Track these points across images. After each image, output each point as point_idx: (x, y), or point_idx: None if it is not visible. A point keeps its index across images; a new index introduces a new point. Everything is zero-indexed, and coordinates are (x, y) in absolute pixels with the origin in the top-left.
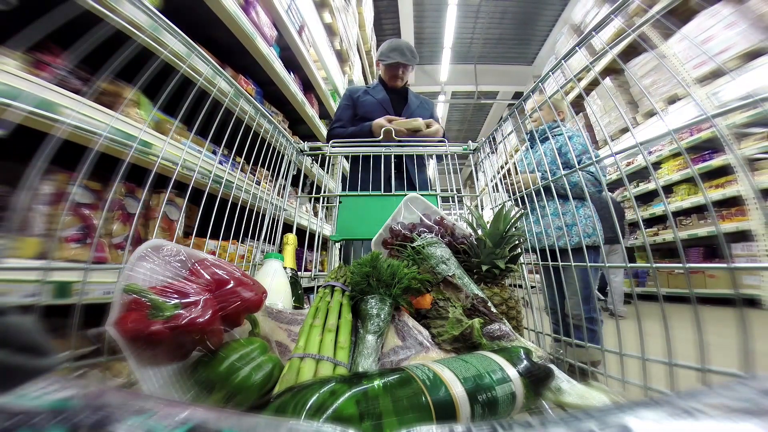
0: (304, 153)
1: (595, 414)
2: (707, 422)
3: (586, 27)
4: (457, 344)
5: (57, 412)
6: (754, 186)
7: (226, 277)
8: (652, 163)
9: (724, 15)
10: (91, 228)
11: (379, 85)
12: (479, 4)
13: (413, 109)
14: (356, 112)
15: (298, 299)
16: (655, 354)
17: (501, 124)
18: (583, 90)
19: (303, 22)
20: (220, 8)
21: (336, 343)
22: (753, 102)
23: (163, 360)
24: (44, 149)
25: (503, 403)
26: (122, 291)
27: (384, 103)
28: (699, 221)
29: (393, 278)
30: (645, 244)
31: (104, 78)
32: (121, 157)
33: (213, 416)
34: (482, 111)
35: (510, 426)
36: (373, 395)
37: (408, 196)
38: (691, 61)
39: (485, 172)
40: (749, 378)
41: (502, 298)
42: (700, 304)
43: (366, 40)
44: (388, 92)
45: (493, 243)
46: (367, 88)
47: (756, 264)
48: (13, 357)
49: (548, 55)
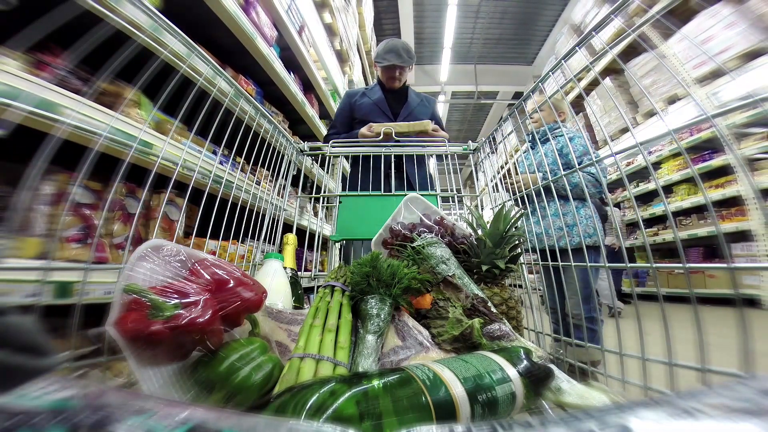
0: (304, 153)
1: (595, 414)
2: (707, 422)
3: (586, 27)
4: (457, 344)
5: (57, 412)
6: (755, 186)
7: (226, 277)
8: (652, 163)
9: (723, 15)
10: (92, 228)
11: (377, 86)
12: (479, 4)
13: (413, 107)
14: (354, 115)
15: (298, 299)
16: (655, 354)
17: (501, 124)
18: (583, 90)
19: (303, 22)
20: (220, 8)
21: (336, 343)
22: (753, 102)
23: (163, 360)
24: (44, 149)
25: (503, 403)
26: (122, 291)
27: (380, 103)
28: (699, 221)
29: (393, 278)
30: (645, 244)
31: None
32: (122, 157)
33: (213, 416)
34: (482, 111)
35: (510, 426)
36: (373, 395)
37: (408, 196)
38: (691, 61)
39: (485, 172)
40: (749, 378)
41: (502, 298)
42: (700, 304)
43: (366, 40)
44: (386, 93)
45: (493, 243)
46: (365, 90)
47: (756, 264)
48: (13, 357)
49: (548, 55)
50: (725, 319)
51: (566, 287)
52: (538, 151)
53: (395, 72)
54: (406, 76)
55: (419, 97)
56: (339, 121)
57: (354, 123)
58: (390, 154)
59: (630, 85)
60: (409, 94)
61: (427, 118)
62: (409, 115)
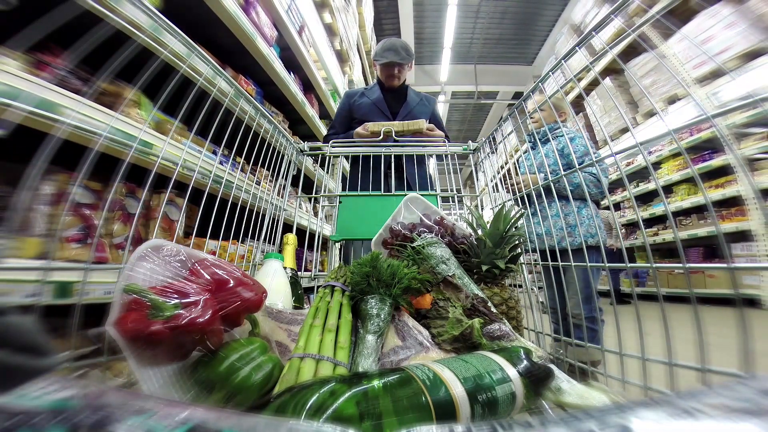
0: (304, 153)
1: (595, 414)
2: (707, 422)
3: (585, 27)
4: (457, 344)
5: (57, 412)
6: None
7: (226, 277)
8: (651, 163)
9: (723, 15)
10: (92, 228)
11: (377, 85)
12: (479, 4)
13: (413, 106)
14: (353, 115)
15: (298, 299)
16: (655, 354)
17: (501, 124)
18: (583, 90)
19: (303, 22)
20: (220, 8)
21: (336, 343)
22: (753, 102)
23: (163, 360)
24: (44, 149)
25: (503, 403)
26: (122, 291)
27: (378, 103)
28: (699, 221)
29: (393, 278)
30: (645, 245)
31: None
32: (121, 157)
33: (213, 416)
34: (482, 111)
35: (510, 426)
36: (373, 395)
37: (408, 196)
38: (690, 62)
39: (485, 172)
40: (749, 378)
41: (502, 298)
42: (699, 304)
43: (366, 41)
44: (384, 92)
45: (493, 243)
46: (364, 90)
47: (756, 264)
48: (13, 357)
49: (548, 55)
50: (725, 319)
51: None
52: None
53: (394, 69)
54: (405, 74)
55: (419, 97)
56: (338, 121)
57: (353, 123)
58: (390, 154)
59: (630, 85)
60: (409, 93)
61: (426, 117)
62: (408, 114)
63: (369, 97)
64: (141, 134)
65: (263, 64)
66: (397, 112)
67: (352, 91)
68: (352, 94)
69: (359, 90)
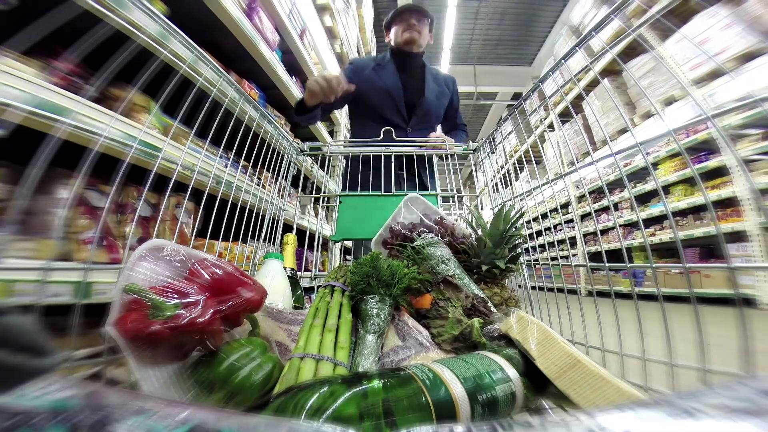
0: (303, 153)
1: (595, 414)
2: (707, 422)
3: (584, 28)
4: (457, 344)
5: (57, 412)
6: (754, 186)
7: (226, 277)
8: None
9: (720, 17)
10: (106, 230)
11: (391, 62)
12: (478, 6)
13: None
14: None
15: (298, 299)
16: (655, 354)
17: (501, 124)
18: (582, 90)
19: (304, 26)
20: (224, 14)
21: (336, 343)
22: (752, 102)
23: (163, 360)
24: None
25: (503, 403)
26: (122, 291)
27: (395, 92)
28: (695, 222)
29: (393, 278)
30: (645, 245)
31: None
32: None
33: (213, 416)
34: (482, 111)
35: (510, 426)
36: (373, 395)
37: (408, 196)
38: (687, 63)
39: (485, 172)
40: (749, 378)
41: (502, 298)
42: (697, 304)
43: (366, 42)
44: (401, 73)
45: (493, 243)
46: (375, 65)
47: (756, 264)
48: (13, 357)
49: (547, 56)
50: (722, 319)
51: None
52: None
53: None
54: (425, 38)
55: (437, 84)
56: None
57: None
58: (390, 154)
59: (627, 87)
60: (427, 81)
61: (443, 111)
62: (424, 116)
63: (382, 78)
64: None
65: (266, 68)
66: (413, 108)
67: (360, 64)
68: (359, 67)
69: (369, 61)
